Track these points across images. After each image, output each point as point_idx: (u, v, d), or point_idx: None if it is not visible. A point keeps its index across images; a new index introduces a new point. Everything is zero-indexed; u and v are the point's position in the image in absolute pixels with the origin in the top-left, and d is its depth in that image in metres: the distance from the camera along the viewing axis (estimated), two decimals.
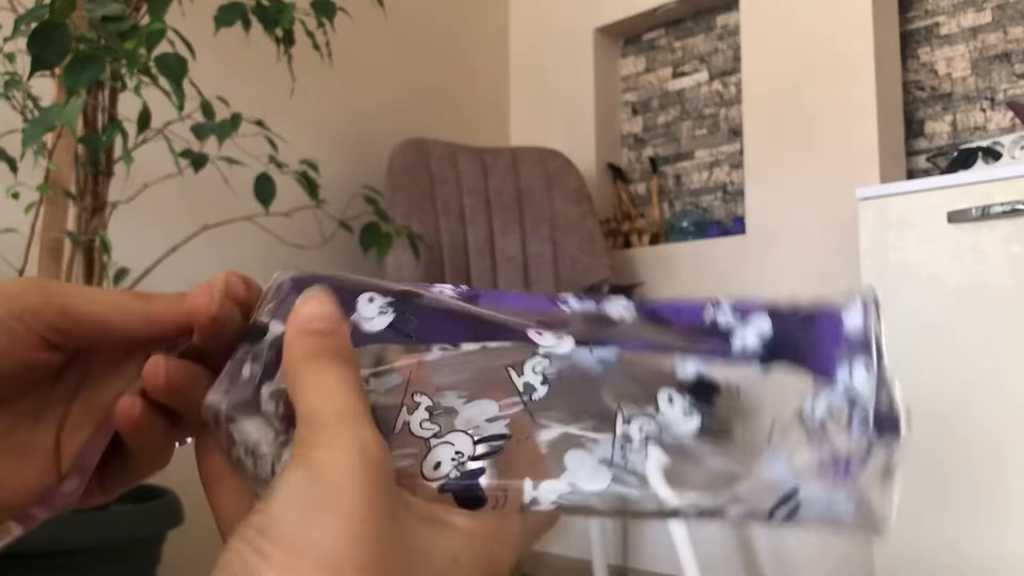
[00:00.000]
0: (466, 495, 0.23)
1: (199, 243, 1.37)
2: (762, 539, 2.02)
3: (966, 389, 1.45)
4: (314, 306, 0.24)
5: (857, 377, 0.24)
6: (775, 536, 1.99)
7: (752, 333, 0.25)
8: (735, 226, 2.20)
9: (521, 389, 0.25)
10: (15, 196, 1.23)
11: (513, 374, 0.25)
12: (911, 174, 1.98)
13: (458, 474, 0.24)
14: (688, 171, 2.40)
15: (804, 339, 0.25)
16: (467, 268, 2.05)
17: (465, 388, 0.25)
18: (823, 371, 0.25)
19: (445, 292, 0.27)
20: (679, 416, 0.25)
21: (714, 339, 0.25)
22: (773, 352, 0.25)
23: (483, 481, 0.24)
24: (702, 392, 0.25)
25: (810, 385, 0.25)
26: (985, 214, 1.43)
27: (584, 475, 0.24)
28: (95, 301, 0.26)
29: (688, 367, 0.25)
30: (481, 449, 0.24)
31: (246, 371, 0.24)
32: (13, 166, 1.19)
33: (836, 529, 0.24)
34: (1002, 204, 1.41)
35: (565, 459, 0.24)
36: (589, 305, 0.26)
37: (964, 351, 1.45)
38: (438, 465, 0.24)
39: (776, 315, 0.25)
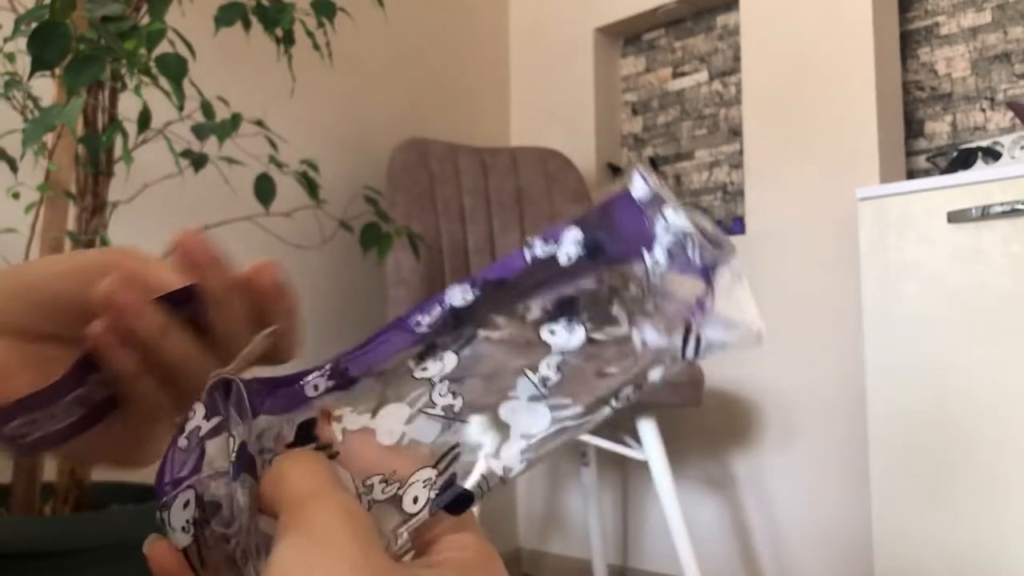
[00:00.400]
0: (456, 502, 0.25)
1: None
2: (762, 539, 2.02)
3: (966, 389, 1.45)
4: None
5: (672, 220, 0.27)
6: (775, 537, 2.00)
7: (569, 244, 0.27)
8: (735, 226, 2.20)
9: (441, 413, 0.27)
10: (15, 196, 1.23)
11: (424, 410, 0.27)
12: (911, 174, 1.98)
13: (437, 492, 0.25)
14: (688, 171, 2.40)
15: (612, 225, 0.28)
16: (467, 268, 2.05)
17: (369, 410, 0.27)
18: (640, 237, 0.27)
19: (319, 387, 0.28)
20: (566, 338, 0.27)
21: (544, 268, 0.28)
22: (594, 249, 0.28)
23: (463, 483, 0.25)
24: (568, 310, 0.28)
25: (637, 254, 0.28)
26: (985, 214, 1.43)
27: (527, 421, 0.26)
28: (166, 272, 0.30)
29: (542, 301, 0.28)
30: (443, 466, 0.26)
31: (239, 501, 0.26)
32: (13, 166, 1.19)
33: (727, 349, 0.27)
34: (1002, 204, 1.41)
35: (502, 417, 0.26)
36: (437, 312, 0.28)
37: (964, 351, 1.45)
38: (415, 499, 0.25)
39: (581, 222, 0.28)
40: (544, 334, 0.27)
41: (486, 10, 2.60)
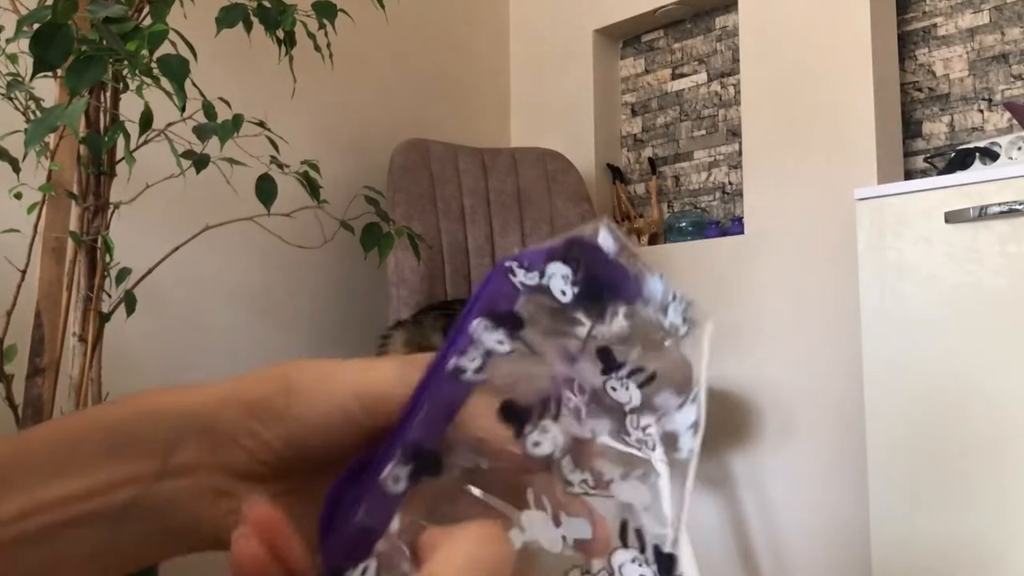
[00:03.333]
0: None
1: (201, 243, 1.37)
2: (760, 537, 2.03)
3: (962, 388, 1.45)
4: None
5: (654, 283, 0.27)
6: (773, 534, 2.00)
7: (559, 281, 0.26)
8: (733, 226, 2.21)
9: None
10: (18, 196, 1.24)
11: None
12: (908, 175, 1.99)
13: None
14: (687, 171, 2.41)
15: (599, 269, 0.27)
16: (467, 268, 2.06)
17: None
18: (627, 291, 0.27)
19: None
20: (626, 394, 0.27)
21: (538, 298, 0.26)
22: (591, 294, 0.27)
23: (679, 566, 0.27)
24: (610, 364, 0.27)
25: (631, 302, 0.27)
26: (982, 214, 1.44)
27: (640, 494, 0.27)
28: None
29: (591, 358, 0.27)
30: (635, 543, 0.26)
31: None
32: (16, 166, 1.20)
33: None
34: (999, 204, 1.42)
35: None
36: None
37: (961, 350, 1.46)
38: None
39: (564, 256, 0.26)
40: (610, 394, 0.26)
41: (486, 11, 2.61)
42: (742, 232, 2.12)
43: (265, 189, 1.31)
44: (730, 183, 2.31)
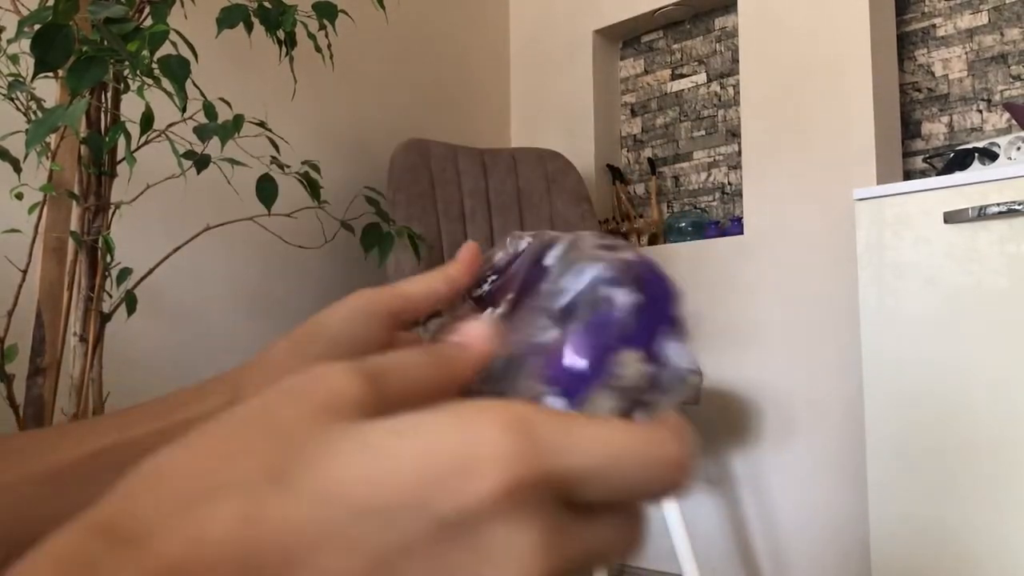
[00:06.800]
0: None
1: (202, 243, 1.37)
2: (760, 536, 2.03)
3: (962, 388, 1.46)
4: None
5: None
6: (773, 533, 2.00)
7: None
8: (733, 226, 2.21)
9: None
10: (19, 196, 1.24)
11: None
12: (908, 175, 1.99)
13: None
14: (686, 172, 2.41)
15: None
16: None
17: None
18: None
19: None
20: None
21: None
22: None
23: None
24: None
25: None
26: (981, 215, 1.44)
27: None
28: (414, 284, 0.36)
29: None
30: None
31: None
32: (17, 167, 1.20)
33: None
34: (998, 205, 1.42)
35: None
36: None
37: (960, 351, 1.46)
38: None
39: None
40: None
41: (486, 12, 2.61)
42: (742, 232, 2.12)
43: (266, 189, 1.31)
44: (730, 183, 2.31)
